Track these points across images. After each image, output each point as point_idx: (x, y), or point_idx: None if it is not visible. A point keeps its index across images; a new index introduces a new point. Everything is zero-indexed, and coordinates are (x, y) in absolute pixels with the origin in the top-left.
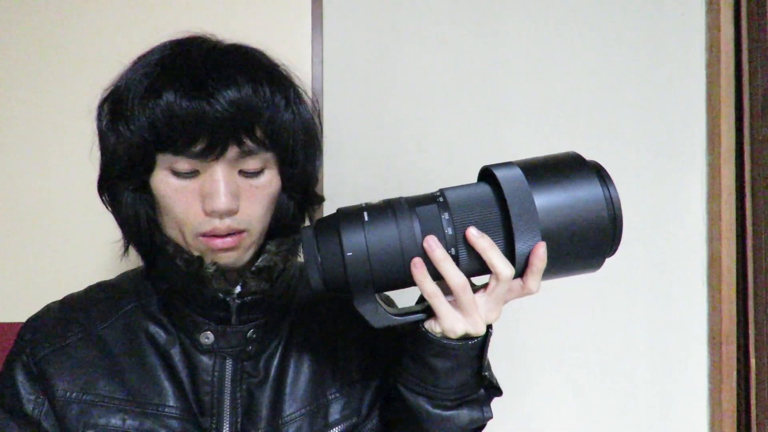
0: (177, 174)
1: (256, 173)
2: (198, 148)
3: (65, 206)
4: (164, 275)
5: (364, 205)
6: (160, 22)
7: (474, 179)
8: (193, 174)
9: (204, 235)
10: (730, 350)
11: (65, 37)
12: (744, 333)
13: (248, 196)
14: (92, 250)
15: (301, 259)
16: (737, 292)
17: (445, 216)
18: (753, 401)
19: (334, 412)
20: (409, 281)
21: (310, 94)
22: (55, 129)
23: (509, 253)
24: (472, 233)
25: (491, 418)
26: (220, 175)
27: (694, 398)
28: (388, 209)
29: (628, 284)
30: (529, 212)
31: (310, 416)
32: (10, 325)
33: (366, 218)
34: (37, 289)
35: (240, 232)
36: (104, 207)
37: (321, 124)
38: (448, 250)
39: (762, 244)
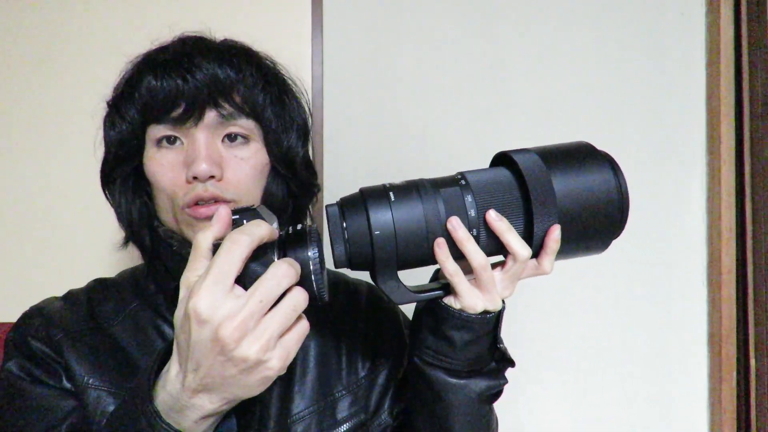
0: (161, 144)
1: (241, 143)
2: (176, 113)
3: (65, 207)
4: (172, 272)
5: (387, 185)
6: (160, 23)
7: None
8: (177, 143)
9: (189, 205)
10: (730, 350)
11: (66, 39)
12: (744, 333)
13: (233, 167)
14: (91, 251)
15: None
16: (737, 292)
17: (468, 198)
18: (753, 401)
19: (342, 409)
20: (430, 260)
21: (306, 92)
22: (55, 130)
23: (527, 233)
24: (492, 216)
25: (506, 383)
26: (200, 141)
27: (694, 398)
28: (413, 190)
29: (629, 284)
30: (548, 196)
31: (319, 414)
32: (10, 325)
33: (392, 198)
34: (37, 289)
35: (226, 202)
36: (103, 208)
37: (319, 119)
38: (470, 230)
39: (762, 244)
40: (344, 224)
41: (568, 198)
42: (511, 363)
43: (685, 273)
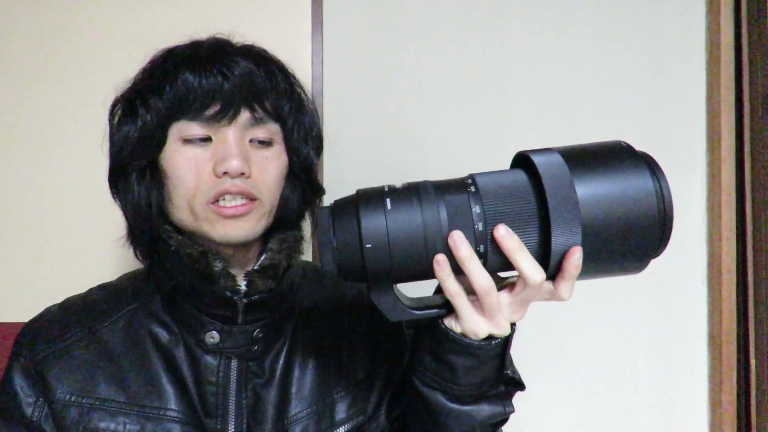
0: (189, 142)
1: (266, 144)
2: (212, 111)
3: (66, 206)
4: (169, 272)
5: (386, 189)
6: (162, 23)
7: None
8: (206, 141)
9: (215, 201)
10: (730, 350)
11: (68, 39)
12: (744, 333)
13: (259, 167)
14: (93, 250)
15: (303, 257)
16: (737, 292)
17: (476, 209)
18: (753, 401)
19: (340, 411)
20: (430, 275)
21: (312, 100)
22: (56, 129)
23: (544, 250)
24: (501, 232)
25: (513, 412)
26: (232, 139)
27: (694, 398)
28: (413, 197)
29: (628, 284)
30: (569, 203)
31: (316, 416)
32: (10, 325)
33: (389, 206)
34: (37, 289)
35: (252, 199)
36: (105, 207)
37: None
38: (476, 246)
39: (762, 244)
40: (333, 231)
41: (594, 207)
42: (521, 386)
43: (685, 273)
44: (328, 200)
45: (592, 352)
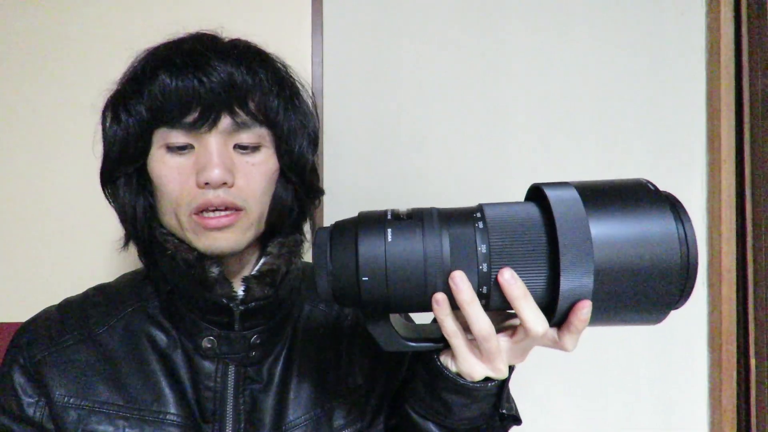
0: (172, 150)
1: (252, 149)
2: (191, 118)
3: (65, 206)
4: (166, 276)
5: (389, 217)
6: (160, 21)
7: (473, 178)
8: (188, 149)
9: (198, 212)
10: (730, 350)
11: (66, 37)
12: (744, 333)
13: (244, 173)
14: (92, 250)
15: (304, 259)
16: (737, 292)
17: (482, 248)
18: (753, 401)
19: (339, 417)
20: (428, 310)
21: (309, 92)
22: (54, 129)
23: (551, 290)
24: (506, 278)
25: None
26: (213, 147)
27: (694, 398)
28: (417, 226)
29: None
30: (582, 244)
31: (315, 422)
32: (10, 325)
33: (389, 238)
34: (37, 289)
35: (236, 210)
36: (105, 207)
37: (320, 122)
38: (478, 287)
39: (762, 244)
40: (330, 256)
41: (609, 250)
42: (517, 421)
43: None
44: (327, 200)
45: (592, 351)
